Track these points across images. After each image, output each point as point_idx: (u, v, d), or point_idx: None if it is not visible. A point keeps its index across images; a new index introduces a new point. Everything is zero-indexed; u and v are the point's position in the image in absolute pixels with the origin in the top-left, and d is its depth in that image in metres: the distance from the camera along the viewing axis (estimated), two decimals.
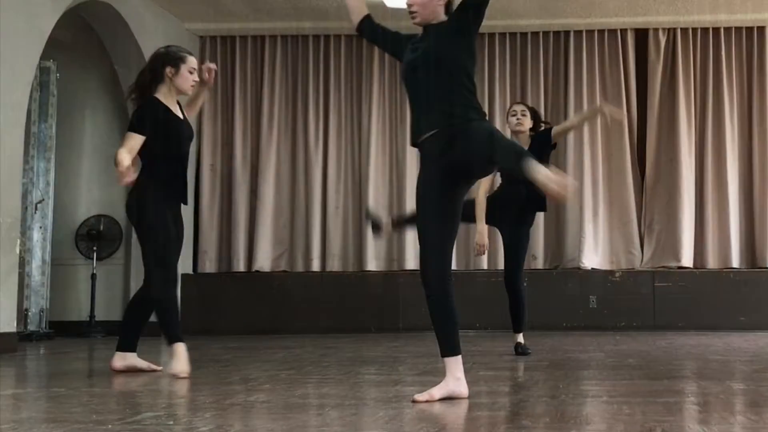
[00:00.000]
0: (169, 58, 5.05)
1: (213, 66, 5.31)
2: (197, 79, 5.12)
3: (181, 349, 4.88)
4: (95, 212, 9.54)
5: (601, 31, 9.89)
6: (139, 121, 4.94)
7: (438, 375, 4.52)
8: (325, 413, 3.40)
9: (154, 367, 5.19)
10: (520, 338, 6.19)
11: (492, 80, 9.98)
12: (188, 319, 8.72)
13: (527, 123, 6.26)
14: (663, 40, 9.85)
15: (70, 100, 9.47)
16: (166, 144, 5.00)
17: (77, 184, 9.61)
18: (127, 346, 5.18)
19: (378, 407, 3.50)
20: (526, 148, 6.16)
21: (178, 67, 5.03)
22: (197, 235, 9.95)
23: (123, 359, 5.18)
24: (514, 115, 6.29)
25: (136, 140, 4.87)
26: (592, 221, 9.70)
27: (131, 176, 4.72)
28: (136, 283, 9.13)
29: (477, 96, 3.90)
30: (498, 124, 9.85)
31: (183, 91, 5.09)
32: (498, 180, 6.45)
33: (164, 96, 5.04)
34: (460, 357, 3.77)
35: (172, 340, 4.90)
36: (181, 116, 5.14)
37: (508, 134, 6.19)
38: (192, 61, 5.09)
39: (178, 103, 5.19)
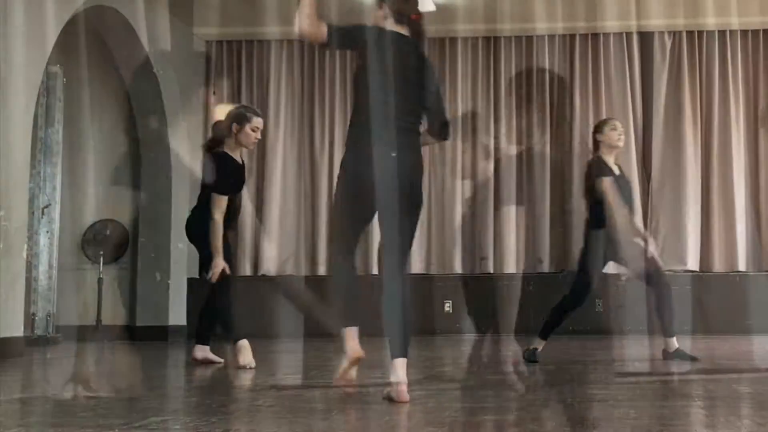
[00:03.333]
0: (236, 117, 5.83)
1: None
2: (259, 137, 5.89)
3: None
4: (102, 217, 9.55)
5: (606, 35, 9.88)
6: (221, 181, 5.70)
7: (443, 379, 4.53)
8: (331, 417, 3.41)
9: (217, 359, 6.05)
10: (674, 342, 6.10)
11: (497, 84, 9.96)
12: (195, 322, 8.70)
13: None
14: (668, 43, 9.84)
15: (77, 105, 9.47)
16: (231, 190, 5.82)
17: (84, 189, 9.62)
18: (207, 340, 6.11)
19: (383, 411, 3.50)
20: (615, 162, 6.07)
21: (243, 125, 5.79)
22: None
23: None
24: (614, 130, 6.06)
25: (224, 201, 5.67)
26: None
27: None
28: (143, 287, 9.22)
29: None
30: (502, 126, 9.87)
31: (245, 146, 5.88)
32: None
33: (230, 148, 5.83)
34: None
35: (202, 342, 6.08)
36: (241, 162, 5.92)
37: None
38: (256, 122, 5.83)
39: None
